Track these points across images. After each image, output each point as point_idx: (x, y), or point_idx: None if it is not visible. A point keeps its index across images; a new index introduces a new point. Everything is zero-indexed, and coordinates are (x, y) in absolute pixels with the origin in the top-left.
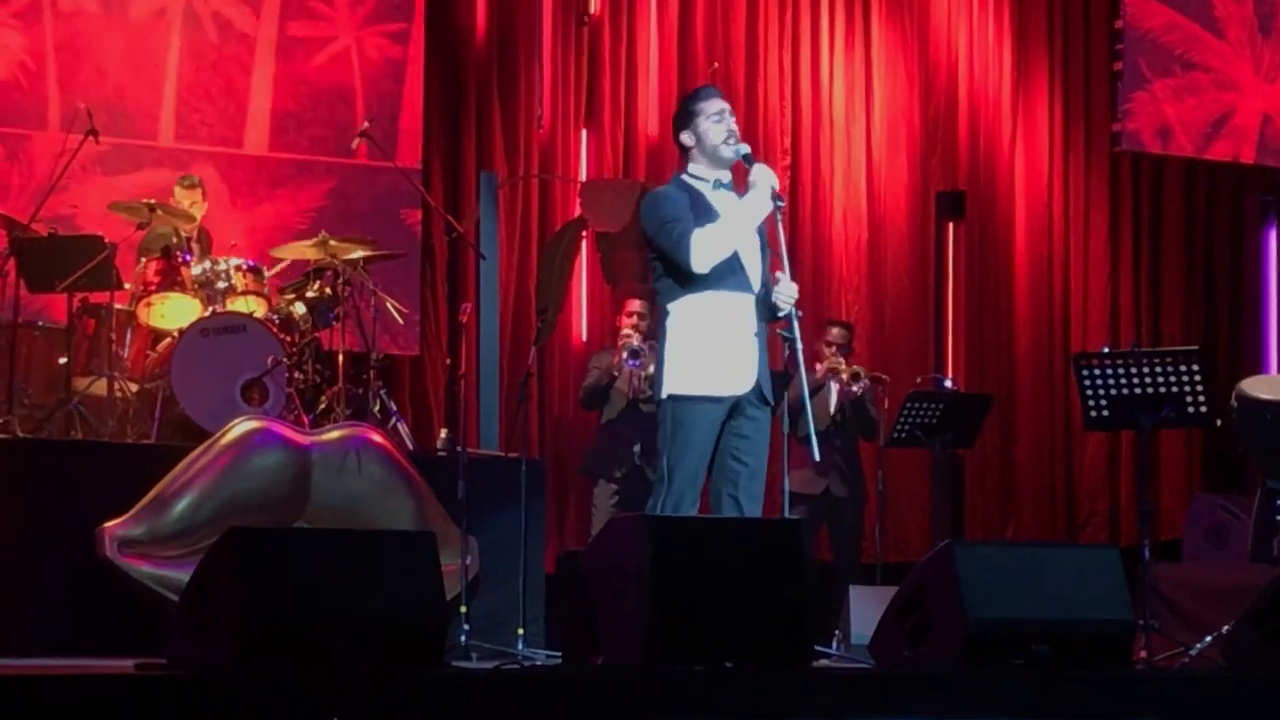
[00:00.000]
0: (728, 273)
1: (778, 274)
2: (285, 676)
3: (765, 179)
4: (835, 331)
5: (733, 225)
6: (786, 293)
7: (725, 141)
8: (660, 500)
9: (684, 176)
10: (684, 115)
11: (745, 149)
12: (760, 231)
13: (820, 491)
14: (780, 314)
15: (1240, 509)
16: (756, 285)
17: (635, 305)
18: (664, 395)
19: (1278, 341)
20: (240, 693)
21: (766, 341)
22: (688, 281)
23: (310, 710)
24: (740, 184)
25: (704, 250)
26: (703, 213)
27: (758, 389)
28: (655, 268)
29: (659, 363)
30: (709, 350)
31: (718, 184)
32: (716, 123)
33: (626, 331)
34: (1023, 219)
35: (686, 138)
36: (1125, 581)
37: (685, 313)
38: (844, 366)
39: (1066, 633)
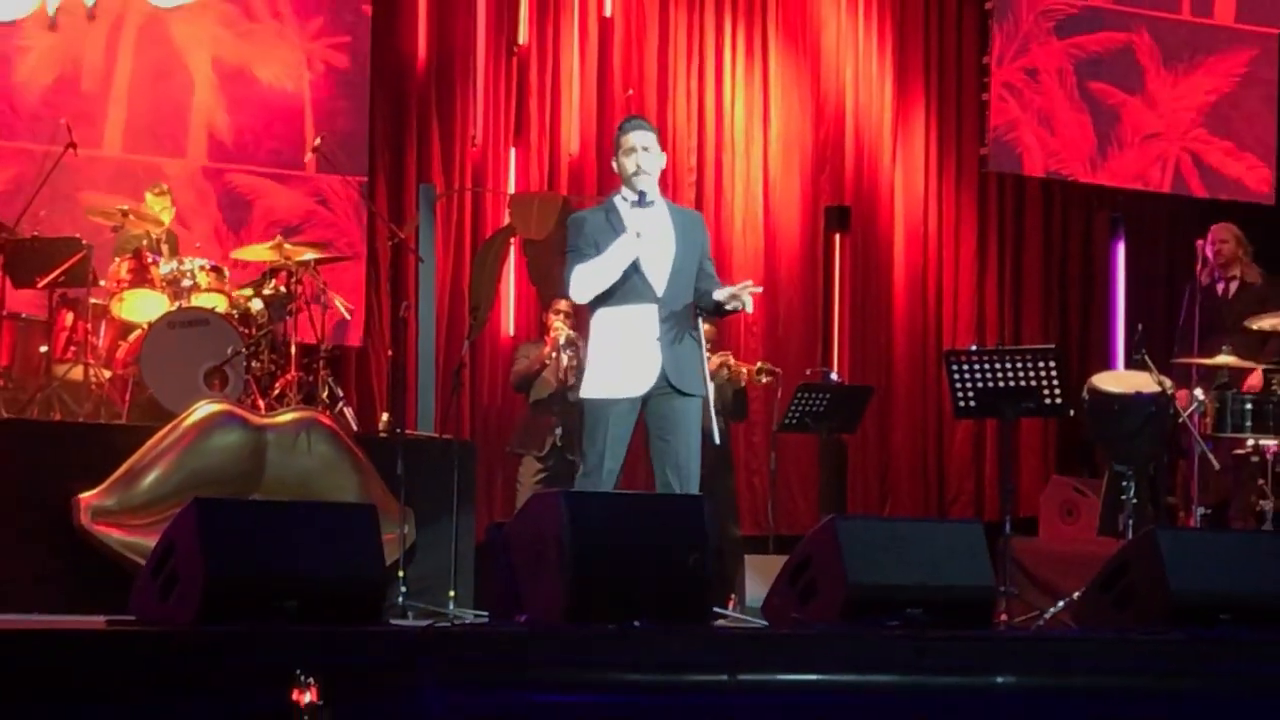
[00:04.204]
0: (630, 290)
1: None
2: (241, 631)
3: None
4: (706, 329)
5: (603, 265)
6: (747, 291)
7: (635, 174)
8: (580, 480)
9: (616, 196)
10: (614, 145)
11: (640, 191)
12: (685, 246)
13: None
14: (729, 310)
15: (1089, 489)
16: (661, 293)
17: (563, 305)
18: (581, 395)
19: (1124, 341)
20: (200, 646)
21: (679, 339)
22: (597, 299)
23: (264, 661)
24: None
25: (580, 285)
26: (617, 232)
27: (663, 381)
28: None
29: (585, 364)
30: (612, 358)
31: (635, 203)
32: (626, 156)
33: (558, 326)
34: (901, 231)
35: (614, 165)
36: (988, 552)
37: (598, 324)
38: (733, 361)
39: (935, 597)
